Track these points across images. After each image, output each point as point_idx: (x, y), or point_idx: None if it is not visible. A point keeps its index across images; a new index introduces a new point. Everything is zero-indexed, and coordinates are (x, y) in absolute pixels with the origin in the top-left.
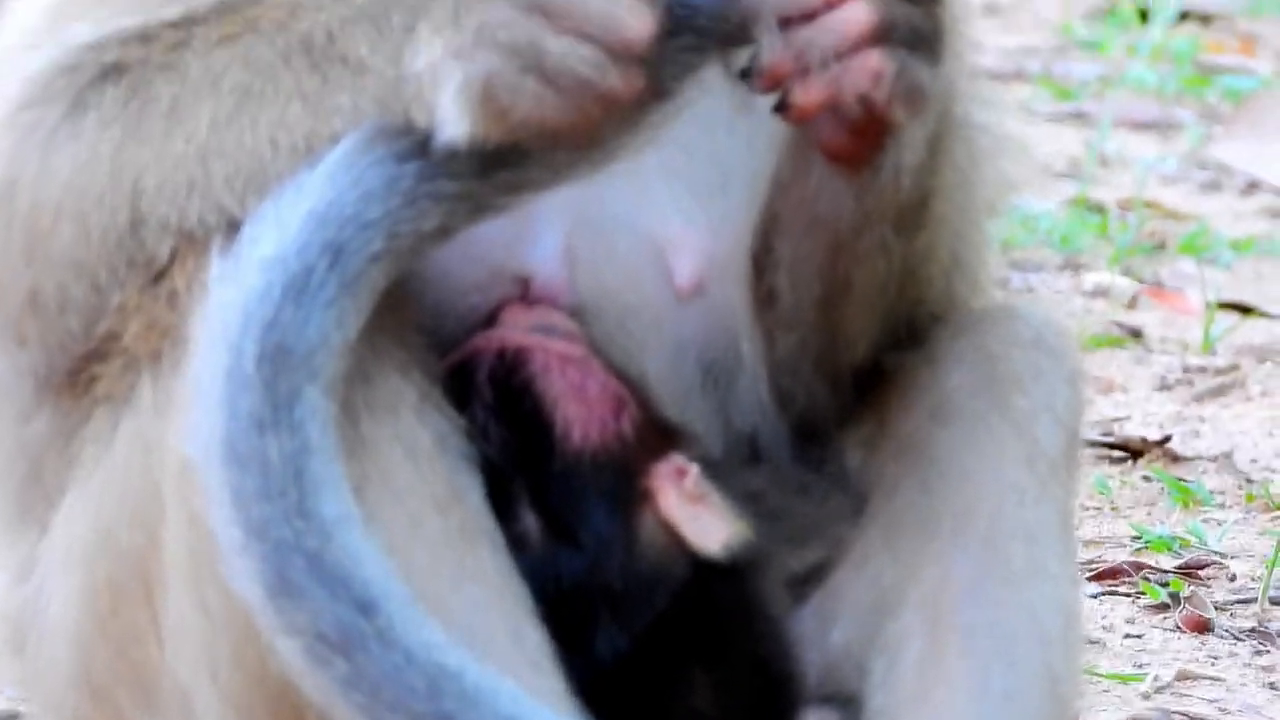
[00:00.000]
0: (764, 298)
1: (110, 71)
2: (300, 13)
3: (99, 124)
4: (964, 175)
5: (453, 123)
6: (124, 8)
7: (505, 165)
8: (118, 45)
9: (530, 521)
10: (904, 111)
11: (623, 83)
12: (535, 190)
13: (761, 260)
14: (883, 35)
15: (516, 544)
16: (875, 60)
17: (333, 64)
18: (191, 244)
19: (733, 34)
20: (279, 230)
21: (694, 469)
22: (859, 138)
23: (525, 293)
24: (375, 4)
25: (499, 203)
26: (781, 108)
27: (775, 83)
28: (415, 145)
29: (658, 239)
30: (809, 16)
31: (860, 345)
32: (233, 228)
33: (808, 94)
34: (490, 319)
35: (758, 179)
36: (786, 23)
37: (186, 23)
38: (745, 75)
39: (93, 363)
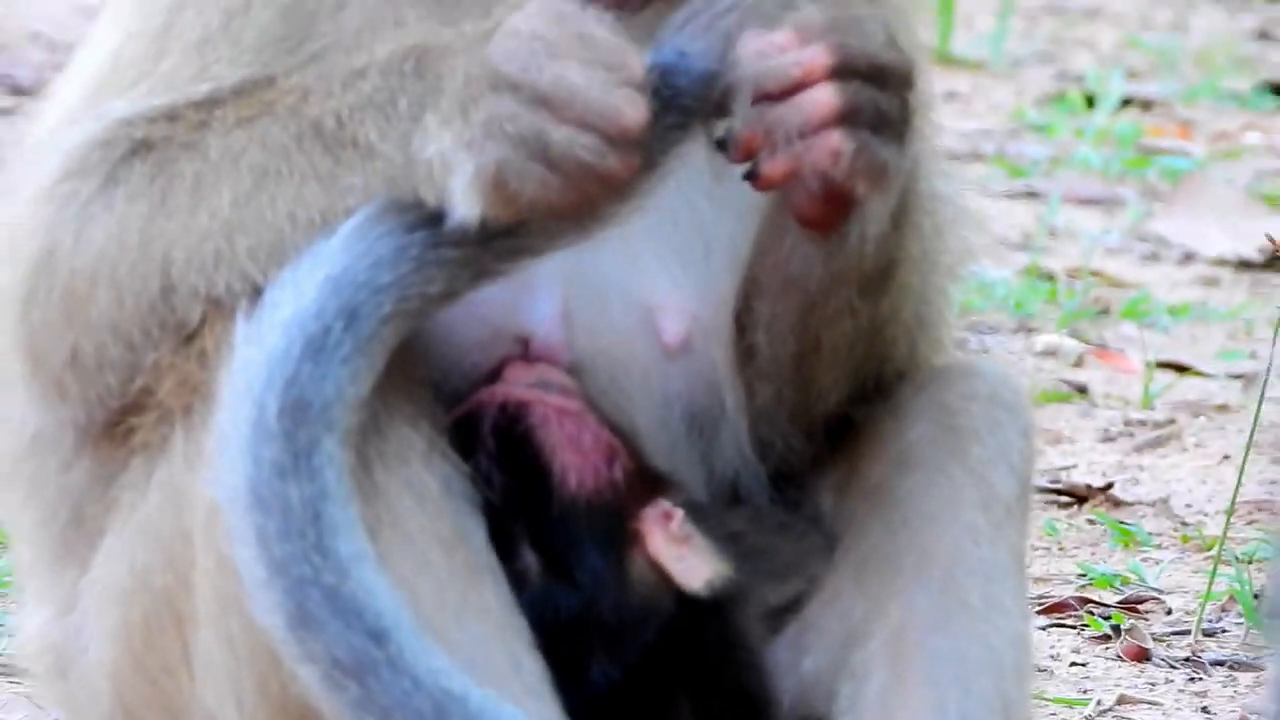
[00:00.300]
0: (744, 353)
1: (139, 148)
2: (311, 98)
3: (129, 197)
4: (927, 245)
5: (465, 206)
6: (156, 86)
7: (505, 234)
8: (146, 123)
9: (530, 560)
10: (865, 187)
11: (620, 164)
12: (533, 256)
13: (742, 319)
14: (846, 118)
15: (517, 581)
16: (835, 140)
17: (344, 147)
18: (219, 308)
19: (713, 109)
20: (298, 295)
21: (679, 513)
22: (827, 207)
23: (525, 351)
24: (381, 92)
25: (499, 268)
26: (751, 176)
27: (747, 154)
28: (421, 217)
29: (647, 302)
30: (782, 95)
31: (831, 397)
32: (256, 292)
33: (774, 166)
34: (493, 375)
35: (738, 246)
36: (762, 99)
37: (208, 104)
38: (721, 145)
39: (129, 415)
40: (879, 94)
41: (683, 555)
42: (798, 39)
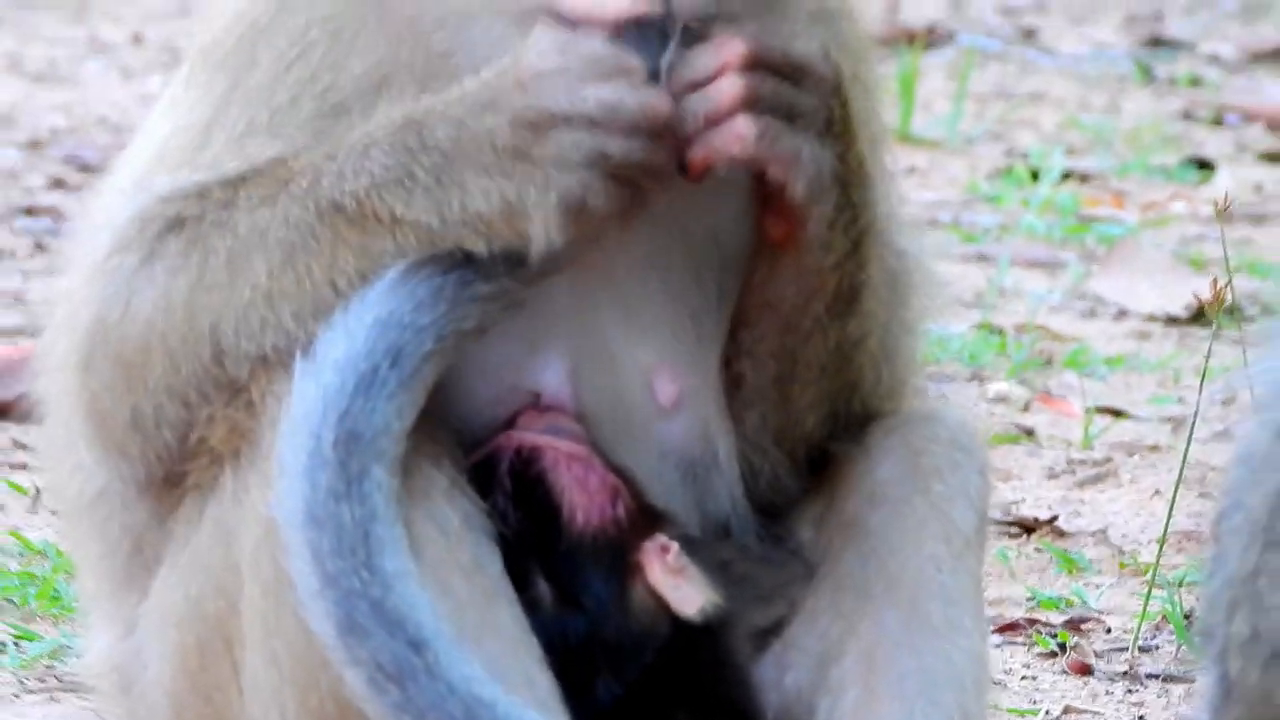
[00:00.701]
0: (732, 382)
1: (174, 225)
2: (324, 180)
3: (169, 271)
4: (889, 282)
5: (548, 237)
6: (198, 169)
7: (528, 261)
8: (179, 200)
9: (542, 588)
10: (778, 170)
11: (665, 155)
12: (553, 275)
13: (729, 350)
14: (750, 104)
15: (530, 606)
16: (740, 125)
17: (368, 220)
18: (265, 364)
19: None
20: (348, 338)
21: (675, 546)
22: (779, 217)
23: (537, 403)
24: (392, 170)
25: (525, 295)
26: (680, 169)
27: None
28: (453, 261)
29: (644, 364)
30: (693, 88)
31: (809, 419)
32: (303, 346)
33: (693, 153)
34: (509, 422)
35: (724, 313)
36: (683, 93)
37: (235, 182)
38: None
39: (184, 460)
40: (792, 89)
41: (678, 584)
42: (725, 40)
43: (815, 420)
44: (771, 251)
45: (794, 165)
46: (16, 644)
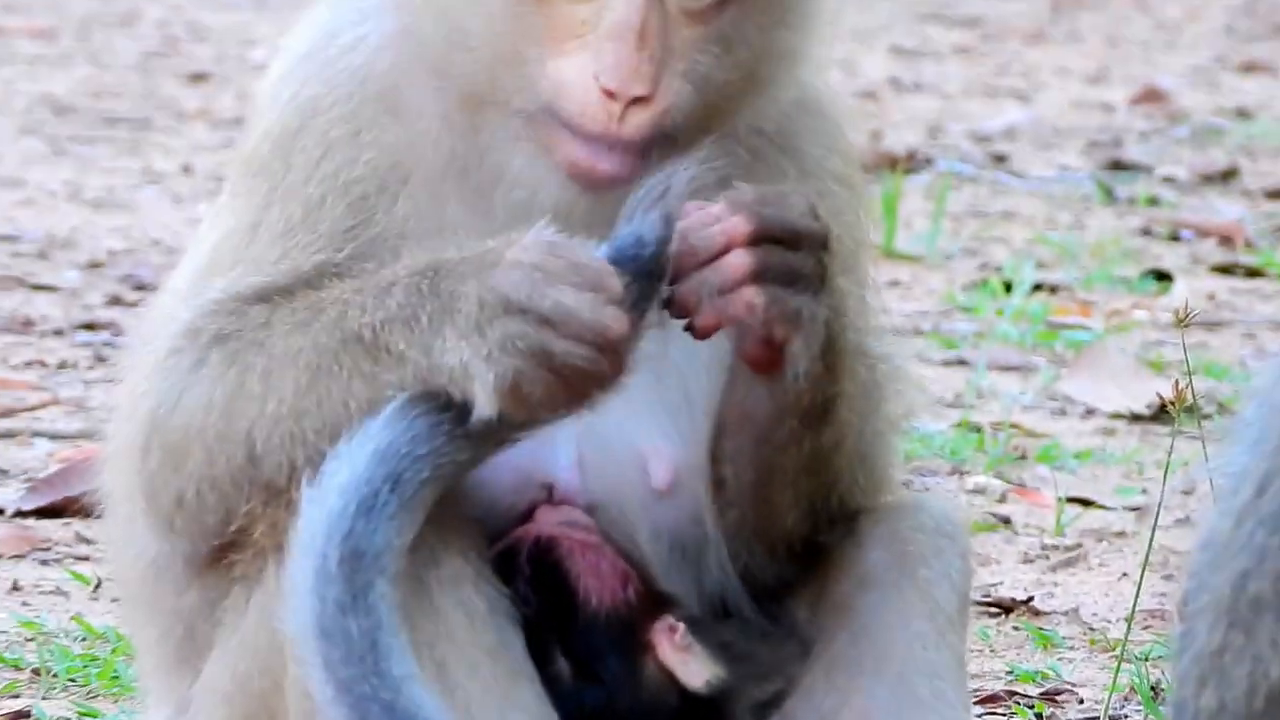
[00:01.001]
0: (717, 484)
1: (219, 339)
2: (350, 312)
3: (212, 379)
4: (864, 391)
5: (485, 406)
6: (249, 268)
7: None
8: (226, 315)
9: (561, 665)
10: (782, 331)
11: (610, 366)
12: (539, 427)
13: (714, 455)
14: (758, 276)
15: (550, 682)
16: (749, 295)
17: (379, 352)
18: (297, 470)
19: (664, 276)
20: (351, 464)
21: (682, 626)
22: (761, 350)
23: (551, 495)
24: (405, 308)
25: (514, 438)
26: (689, 329)
27: (684, 311)
28: (450, 399)
29: (641, 451)
30: (709, 260)
31: (788, 519)
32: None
33: (703, 320)
34: (526, 516)
35: (712, 406)
36: (694, 264)
37: (271, 303)
38: (667, 304)
39: (230, 551)
40: (792, 255)
41: (685, 661)
42: (727, 211)
43: (794, 518)
44: (749, 372)
45: (795, 324)
46: None
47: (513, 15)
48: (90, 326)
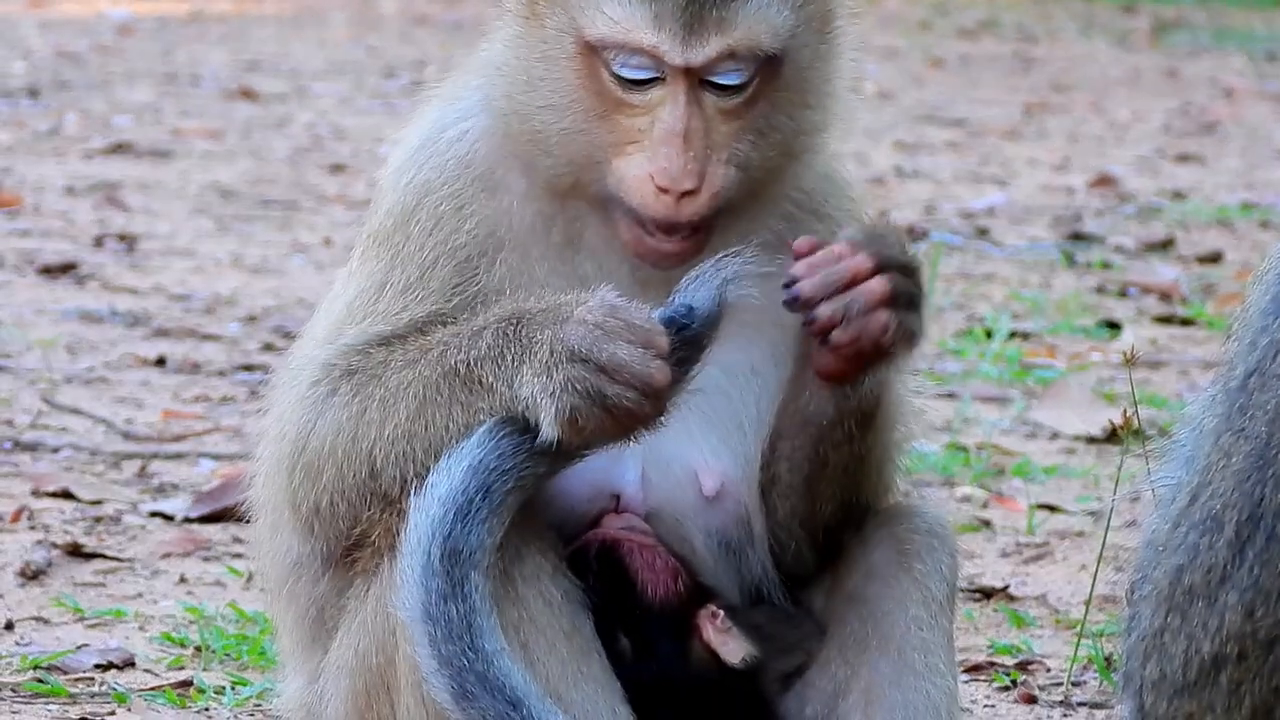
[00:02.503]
0: (769, 480)
1: (348, 373)
2: (449, 351)
3: (341, 406)
4: (890, 407)
5: (548, 432)
6: (377, 320)
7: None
8: (354, 355)
9: (623, 644)
10: (902, 349)
11: (653, 409)
12: (595, 451)
13: (767, 456)
14: (890, 300)
15: (615, 658)
16: (885, 317)
17: (473, 384)
18: (408, 484)
19: (714, 337)
20: (449, 478)
21: (722, 613)
22: (854, 365)
23: (617, 504)
24: (494, 348)
25: (581, 456)
26: (824, 343)
27: (824, 329)
28: (529, 423)
29: (694, 465)
30: (845, 289)
31: (828, 509)
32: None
33: (842, 335)
34: (595, 521)
35: (759, 424)
36: (827, 295)
37: (389, 346)
38: (807, 324)
39: (355, 550)
40: (907, 281)
41: (725, 641)
42: (849, 249)
43: (831, 510)
44: (817, 380)
45: (910, 343)
46: (233, 688)
47: (583, 126)
48: (247, 368)
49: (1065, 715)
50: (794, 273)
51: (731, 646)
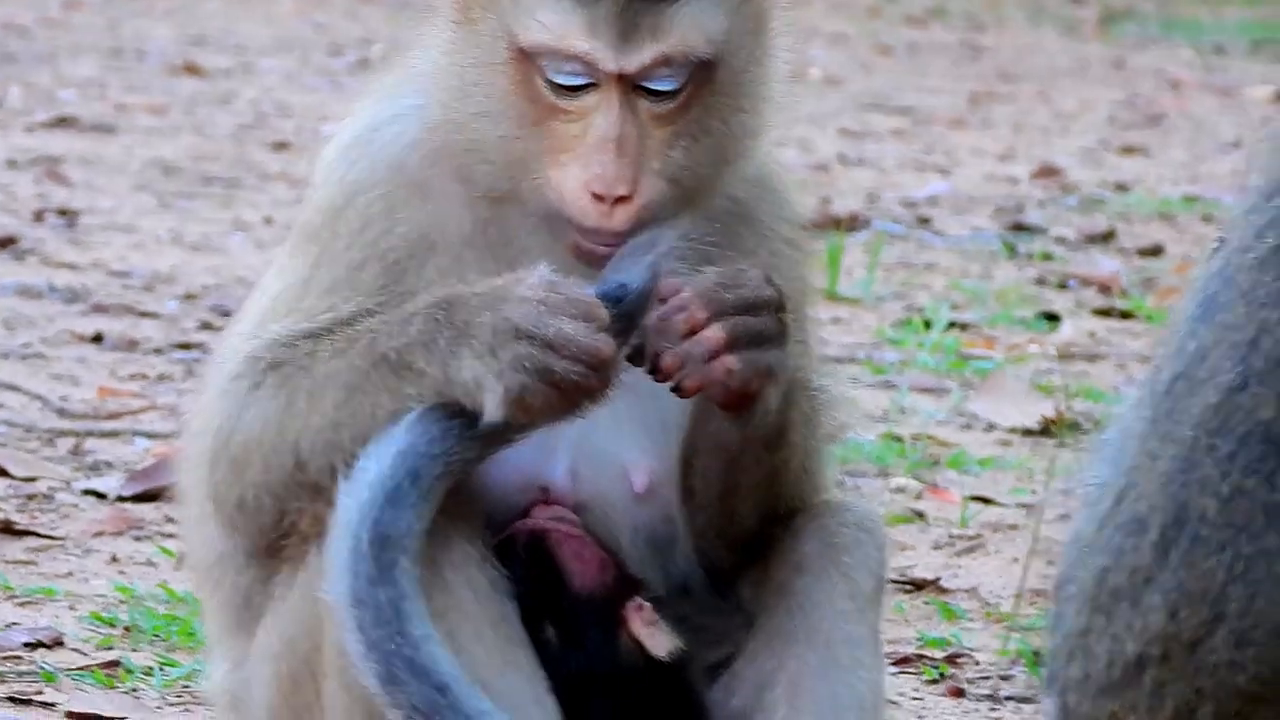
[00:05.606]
0: (686, 493)
1: (274, 365)
2: (378, 339)
3: (267, 399)
4: (810, 415)
5: (494, 414)
6: (300, 317)
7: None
8: (280, 347)
9: (550, 635)
10: (757, 384)
11: (599, 381)
12: (537, 431)
13: (684, 470)
14: (730, 346)
15: (541, 648)
16: (727, 362)
17: (403, 370)
18: (336, 473)
19: (647, 311)
20: (379, 462)
21: (648, 605)
22: (739, 399)
23: (546, 496)
24: (425, 334)
25: (514, 440)
26: (675, 389)
27: (668, 375)
28: (460, 408)
29: (624, 461)
30: (685, 336)
31: (746, 523)
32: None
33: (690, 383)
34: (524, 512)
35: (683, 423)
36: (673, 341)
37: (316, 338)
38: (653, 371)
39: (281, 539)
40: (755, 320)
41: (652, 634)
42: (690, 299)
43: (752, 520)
44: (721, 412)
45: (767, 377)
46: (162, 669)
47: (517, 133)
48: (185, 346)
49: (993, 709)
50: (645, 322)
51: (658, 639)
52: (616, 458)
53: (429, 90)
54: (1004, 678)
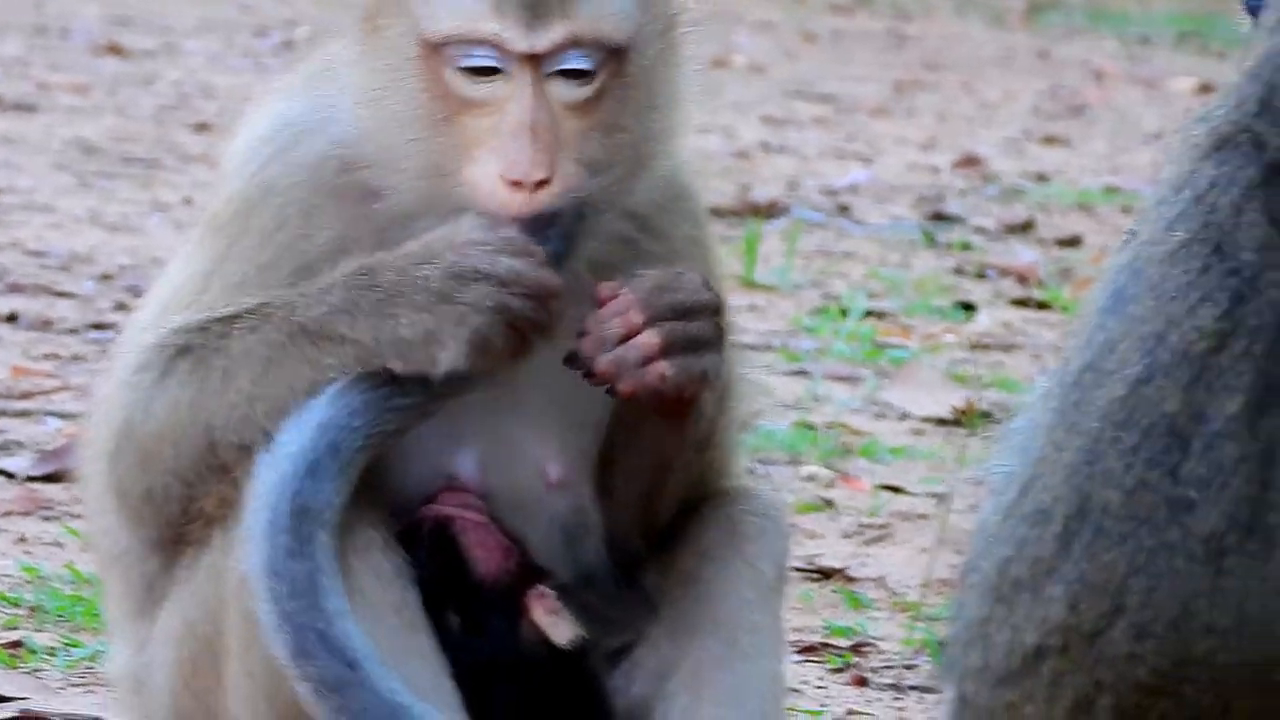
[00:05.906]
0: (604, 490)
1: (183, 350)
2: (297, 310)
3: (177, 386)
4: (731, 411)
5: (454, 363)
6: (201, 311)
7: (440, 384)
8: (188, 333)
9: (452, 621)
10: (691, 390)
11: (550, 317)
12: (458, 398)
13: (605, 467)
14: (665, 351)
15: (443, 635)
16: (660, 367)
17: (323, 340)
18: (247, 451)
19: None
20: (299, 435)
21: (552, 594)
22: (674, 404)
23: (453, 484)
24: (346, 301)
25: (436, 409)
26: (610, 392)
27: (605, 381)
28: (380, 380)
29: (537, 452)
30: (621, 341)
31: (665, 517)
32: (272, 438)
33: (624, 387)
34: (430, 498)
35: (599, 418)
36: (608, 343)
37: (228, 320)
38: (588, 375)
39: (186, 524)
40: (691, 324)
41: (555, 622)
42: (627, 302)
43: (669, 514)
44: (653, 416)
45: (703, 382)
46: (66, 649)
47: (429, 134)
48: (99, 326)
49: (896, 699)
50: (584, 326)
51: (560, 627)
52: (530, 449)
53: (340, 103)
54: (908, 667)
